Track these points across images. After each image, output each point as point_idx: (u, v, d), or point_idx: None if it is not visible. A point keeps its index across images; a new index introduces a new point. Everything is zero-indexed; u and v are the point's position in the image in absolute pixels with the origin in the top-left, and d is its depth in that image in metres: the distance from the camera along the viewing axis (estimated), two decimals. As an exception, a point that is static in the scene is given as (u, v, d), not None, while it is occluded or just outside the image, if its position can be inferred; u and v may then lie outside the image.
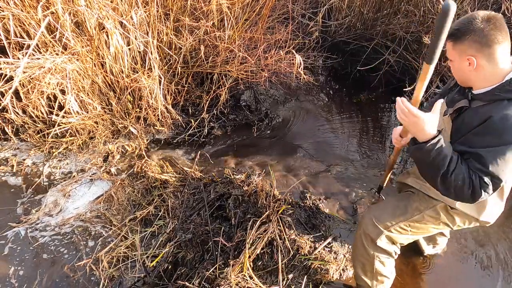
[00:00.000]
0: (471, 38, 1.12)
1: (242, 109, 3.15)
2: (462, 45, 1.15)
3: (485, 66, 1.14)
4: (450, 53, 1.22)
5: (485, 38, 1.10)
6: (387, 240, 1.56)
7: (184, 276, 1.76)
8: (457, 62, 1.21)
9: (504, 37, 1.11)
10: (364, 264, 1.64)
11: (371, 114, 3.50)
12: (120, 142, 2.65)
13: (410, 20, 3.24)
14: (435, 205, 1.43)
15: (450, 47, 1.20)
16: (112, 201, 2.25)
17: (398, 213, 1.52)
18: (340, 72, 3.94)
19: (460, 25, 1.15)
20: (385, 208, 1.59)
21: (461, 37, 1.14)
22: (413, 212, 1.48)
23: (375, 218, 1.55)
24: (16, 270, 1.86)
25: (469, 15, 1.16)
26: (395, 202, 1.59)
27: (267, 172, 2.54)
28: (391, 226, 1.51)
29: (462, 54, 1.16)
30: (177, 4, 2.51)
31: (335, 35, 3.78)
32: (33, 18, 2.15)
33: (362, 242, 1.60)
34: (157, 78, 2.40)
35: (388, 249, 1.58)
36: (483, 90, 1.18)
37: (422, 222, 1.48)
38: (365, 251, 1.60)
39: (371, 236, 1.55)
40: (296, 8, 3.53)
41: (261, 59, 2.79)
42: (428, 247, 2.01)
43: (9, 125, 2.47)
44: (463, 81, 1.26)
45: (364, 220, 1.61)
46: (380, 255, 1.59)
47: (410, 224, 1.50)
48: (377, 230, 1.53)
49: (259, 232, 1.81)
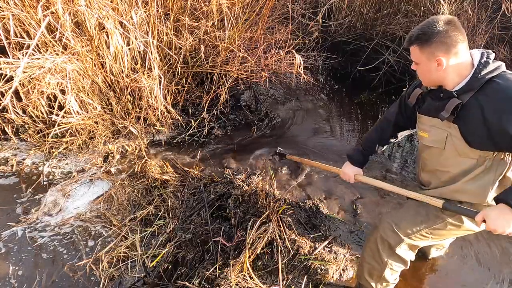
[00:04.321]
0: (438, 40, 1.19)
1: (242, 109, 3.15)
2: (430, 48, 1.22)
3: (453, 64, 1.22)
4: (417, 56, 1.28)
5: (450, 39, 1.18)
6: (406, 248, 1.51)
7: (184, 276, 1.76)
8: (425, 64, 1.26)
9: (463, 36, 1.21)
10: (374, 268, 1.60)
11: (371, 114, 3.50)
12: (120, 142, 2.65)
13: (410, 20, 3.25)
14: None
15: (417, 51, 1.26)
16: (112, 201, 2.25)
17: (419, 220, 1.45)
18: (340, 72, 3.95)
19: (424, 29, 1.22)
20: (406, 214, 1.51)
21: (428, 40, 1.21)
22: (435, 220, 1.42)
23: (395, 225, 1.48)
24: (15, 270, 1.86)
25: (429, 20, 1.23)
26: (416, 208, 1.50)
27: (267, 172, 2.54)
28: (412, 234, 1.45)
29: (431, 56, 1.23)
30: (177, 4, 2.51)
31: (335, 35, 3.78)
32: (33, 18, 2.15)
33: (377, 246, 1.54)
34: (157, 78, 2.40)
35: (406, 257, 1.53)
36: (462, 82, 1.23)
37: (445, 230, 1.43)
38: (379, 257, 1.55)
39: (390, 242, 1.50)
40: (296, 8, 3.53)
41: (261, 59, 2.79)
42: (433, 251, 2.00)
43: (9, 125, 2.47)
44: (432, 81, 1.31)
45: (382, 225, 1.54)
46: (393, 263, 1.55)
47: (432, 232, 1.44)
48: (398, 238, 1.48)
49: (259, 232, 1.81)
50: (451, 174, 1.37)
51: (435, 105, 1.32)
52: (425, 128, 1.41)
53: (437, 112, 1.30)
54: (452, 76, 1.24)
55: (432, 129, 1.37)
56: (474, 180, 1.31)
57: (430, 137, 1.39)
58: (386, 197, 2.45)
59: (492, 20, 3.13)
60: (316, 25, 3.44)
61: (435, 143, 1.37)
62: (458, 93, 1.24)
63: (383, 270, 1.57)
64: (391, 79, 3.65)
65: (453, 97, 1.24)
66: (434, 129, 1.36)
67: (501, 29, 3.00)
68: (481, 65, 1.19)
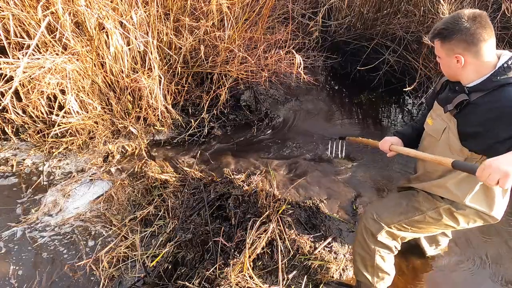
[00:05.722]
0: (458, 38, 1.17)
1: (242, 109, 3.15)
2: (449, 44, 1.20)
3: (473, 63, 1.19)
4: (438, 51, 1.27)
5: (472, 37, 1.15)
6: (387, 236, 1.57)
7: (184, 276, 1.76)
8: (445, 59, 1.26)
9: (489, 35, 1.15)
10: (365, 258, 1.65)
11: (371, 114, 3.50)
12: (120, 142, 2.65)
13: (410, 20, 3.25)
14: (438, 207, 1.42)
15: (438, 46, 1.25)
16: (112, 201, 2.25)
17: (399, 211, 1.52)
18: (340, 72, 3.95)
19: (446, 25, 1.19)
20: (387, 205, 1.60)
21: (448, 37, 1.19)
22: (415, 212, 1.48)
23: (376, 214, 1.57)
24: (15, 269, 1.86)
25: (454, 14, 1.19)
26: (397, 199, 1.59)
27: (267, 172, 2.54)
28: (392, 224, 1.52)
29: (450, 52, 1.21)
30: (177, 4, 2.51)
31: (335, 35, 3.78)
32: (33, 18, 2.15)
33: (363, 236, 1.61)
34: (157, 78, 2.40)
35: (389, 244, 1.59)
36: (477, 81, 1.21)
37: (423, 223, 1.48)
38: (366, 245, 1.61)
39: (372, 230, 1.57)
40: (296, 8, 3.53)
41: (261, 59, 2.79)
42: (430, 249, 2.00)
43: (9, 125, 2.47)
44: (451, 76, 1.31)
45: (365, 214, 1.63)
46: (380, 250, 1.60)
47: (411, 223, 1.50)
48: (378, 225, 1.55)
49: (259, 232, 1.81)
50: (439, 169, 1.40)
51: (448, 96, 1.33)
52: (433, 115, 1.43)
53: (446, 103, 1.31)
54: (469, 74, 1.22)
55: (437, 118, 1.39)
56: (457, 182, 1.33)
57: (433, 125, 1.41)
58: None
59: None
60: (316, 25, 3.44)
61: (434, 132, 1.40)
62: (470, 90, 1.23)
63: (374, 258, 1.61)
64: (391, 79, 3.64)
65: (463, 93, 1.24)
66: (438, 119, 1.38)
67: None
68: (502, 68, 1.15)
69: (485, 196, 1.32)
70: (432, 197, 1.45)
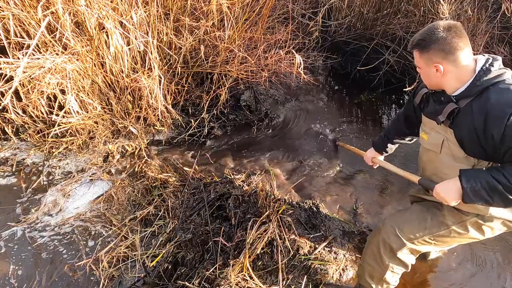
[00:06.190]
0: (436, 47, 1.21)
1: (242, 109, 3.15)
2: (428, 54, 1.24)
3: (452, 70, 1.22)
4: (417, 61, 1.30)
5: (448, 46, 1.19)
6: (408, 252, 1.51)
7: (184, 276, 1.76)
8: (425, 69, 1.29)
9: (465, 43, 1.20)
10: (374, 270, 1.61)
11: (371, 114, 3.50)
12: (120, 142, 2.65)
13: (410, 20, 3.25)
14: (465, 220, 1.37)
15: (418, 56, 1.29)
16: (112, 201, 2.25)
17: (423, 226, 1.45)
18: (340, 72, 3.95)
19: (424, 36, 1.23)
20: (409, 219, 1.51)
21: (426, 47, 1.23)
22: (440, 226, 1.42)
23: (398, 229, 1.48)
24: (15, 269, 1.86)
25: (430, 26, 1.24)
26: (421, 213, 1.50)
27: (267, 172, 2.54)
28: (415, 239, 1.45)
29: (429, 62, 1.25)
30: (177, 4, 2.51)
31: (335, 35, 3.78)
32: (33, 18, 2.15)
33: (379, 249, 1.54)
34: (157, 78, 2.40)
35: (407, 261, 1.53)
36: (462, 88, 1.23)
37: (449, 237, 1.42)
38: (380, 259, 1.55)
39: (392, 246, 1.50)
40: (296, 8, 3.53)
41: (261, 59, 2.79)
42: (433, 252, 2.00)
43: (9, 125, 2.47)
44: (432, 85, 1.33)
45: (385, 228, 1.54)
46: (395, 266, 1.55)
47: (436, 238, 1.44)
48: (400, 242, 1.48)
49: (259, 232, 1.81)
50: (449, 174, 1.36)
51: (436, 108, 1.33)
52: (426, 130, 1.42)
53: (436, 115, 1.31)
54: (451, 82, 1.25)
55: (432, 131, 1.38)
56: None
57: (429, 140, 1.40)
58: (386, 197, 2.45)
59: (492, 20, 3.13)
60: (316, 25, 3.44)
61: (432, 146, 1.38)
62: (457, 98, 1.24)
63: (384, 273, 1.57)
64: (391, 79, 3.64)
65: (451, 102, 1.25)
66: (433, 132, 1.37)
67: (501, 29, 3.00)
68: (482, 72, 1.19)
69: None
70: (457, 211, 1.39)
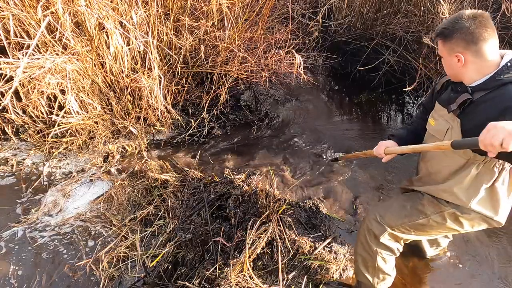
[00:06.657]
0: (458, 36, 1.19)
1: (242, 109, 3.15)
2: (450, 43, 1.23)
3: (474, 62, 1.20)
4: (440, 50, 1.29)
5: (471, 36, 1.16)
6: (389, 238, 1.57)
7: (184, 276, 1.76)
8: (447, 58, 1.28)
9: (490, 34, 1.17)
10: (366, 259, 1.65)
11: (371, 114, 3.50)
12: (120, 142, 2.65)
13: (410, 20, 3.25)
14: (443, 210, 1.40)
15: (441, 45, 1.28)
16: (112, 201, 2.25)
17: (403, 214, 1.51)
18: (340, 72, 3.95)
19: (447, 24, 1.22)
20: (391, 207, 1.59)
21: (449, 36, 1.22)
22: (419, 215, 1.47)
23: (379, 216, 1.56)
24: (15, 269, 1.86)
25: (456, 14, 1.22)
26: (402, 201, 1.58)
27: (267, 172, 2.54)
28: (395, 226, 1.52)
29: (451, 51, 1.24)
30: (177, 4, 2.51)
31: (335, 35, 3.78)
32: (33, 18, 2.15)
33: (366, 237, 1.61)
34: (157, 78, 2.40)
35: (391, 246, 1.59)
36: (480, 80, 1.21)
37: (427, 226, 1.46)
38: (368, 247, 1.61)
39: (375, 232, 1.57)
40: (296, 8, 3.53)
41: (261, 59, 2.79)
42: (430, 249, 2.00)
43: (9, 125, 2.47)
44: (454, 75, 1.31)
45: (368, 216, 1.63)
46: (382, 252, 1.60)
47: (415, 226, 1.49)
48: (381, 227, 1.55)
49: (259, 232, 1.81)
50: (442, 171, 1.40)
51: (450, 96, 1.33)
52: (435, 116, 1.42)
53: (449, 103, 1.31)
54: (471, 73, 1.22)
55: (440, 118, 1.38)
56: (464, 186, 1.33)
57: (435, 126, 1.41)
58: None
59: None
60: (316, 25, 3.44)
61: (437, 132, 1.39)
62: (473, 89, 1.23)
63: (375, 259, 1.61)
64: (391, 79, 3.64)
65: (466, 92, 1.24)
66: (441, 119, 1.38)
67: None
68: (505, 67, 1.15)
69: (490, 200, 1.31)
70: (437, 201, 1.43)
